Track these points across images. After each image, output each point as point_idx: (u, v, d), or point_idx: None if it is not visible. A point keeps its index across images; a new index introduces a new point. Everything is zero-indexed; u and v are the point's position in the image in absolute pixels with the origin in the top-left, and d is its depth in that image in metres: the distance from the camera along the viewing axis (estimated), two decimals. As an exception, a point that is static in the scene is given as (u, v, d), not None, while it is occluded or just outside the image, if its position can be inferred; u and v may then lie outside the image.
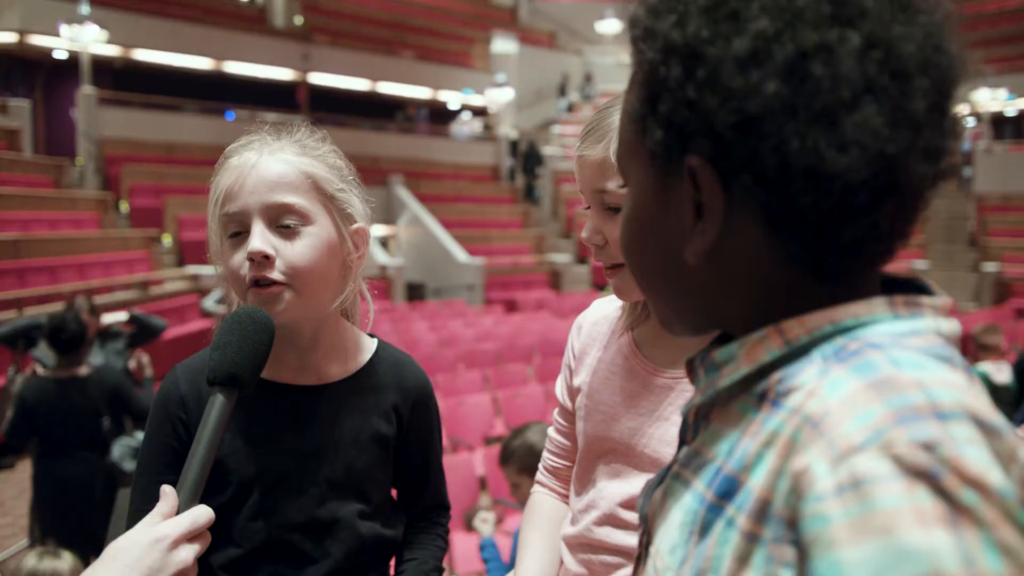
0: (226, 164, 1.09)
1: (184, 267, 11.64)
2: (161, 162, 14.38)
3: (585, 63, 23.56)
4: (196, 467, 0.86)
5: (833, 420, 0.45)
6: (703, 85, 0.50)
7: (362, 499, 1.14)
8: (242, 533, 1.09)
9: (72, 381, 3.45)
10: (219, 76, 16.99)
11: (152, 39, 15.35)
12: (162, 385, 1.14)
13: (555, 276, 15.58)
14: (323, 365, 1.15)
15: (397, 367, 1.22)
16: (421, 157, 18.29)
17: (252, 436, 1.10)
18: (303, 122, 1.17)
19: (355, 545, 1.12)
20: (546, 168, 19.24)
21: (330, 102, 17.87)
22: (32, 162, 12.30)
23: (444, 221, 15.50)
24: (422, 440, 1.25)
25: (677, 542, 0.55)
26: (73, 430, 3.41)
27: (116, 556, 0.78)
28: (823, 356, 0.50)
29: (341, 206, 1.11)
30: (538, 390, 6.12)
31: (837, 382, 0.47)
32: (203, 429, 0.88)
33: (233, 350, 0.94)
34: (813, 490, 0.43)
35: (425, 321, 9.87)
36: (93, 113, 13.92)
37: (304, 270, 1.05)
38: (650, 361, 1.09)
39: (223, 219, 1.07)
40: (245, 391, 0.94)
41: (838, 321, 0.51)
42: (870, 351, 0.48)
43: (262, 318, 0.98)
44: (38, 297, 7.66)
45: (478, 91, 20.69)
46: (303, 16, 18.96)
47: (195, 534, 0.83)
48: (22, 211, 10.10)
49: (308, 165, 1.09)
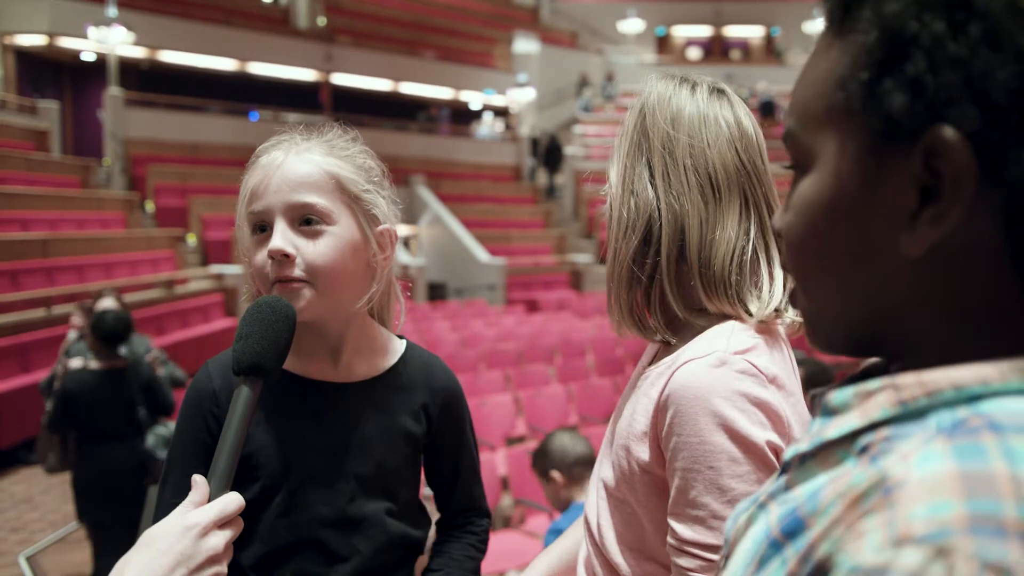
0: (256, 163, 1.11)
1: (208, 266, 11.75)
2: (186, 162, 14.53)
3: (607, 63, 23.50)
4: (225, 456, 0.88)
5: (906, 495, 0.39)
6: (979, 42, 0.42)
7: (390, 497, 1.15)
8: (270, 530, 1.10)
9: (111, 373, 3.64)
10: (243, 77, 17.15)
11: (177, 41, 15.53)
12: (194, 380, 1.16)
13: (576, 276, 15.54)
14: (352, 363, 1.16)
15: (426, 368, 1.22)
16: (442, 157, 18.33)
17: (282, 431, 1.11)
18: (335, 122, 1.17)
19: (383, 543, 1.13)
20: (567, 167, 19.21)
21: (352, 102, 17.96)
22: (60, 162, 12.47)
23: (465, 221, 15.52)
24: (452, 442, 1.25)
25: (738, 569, 0.53)
26: (112, 419, 3.62)
27: (150, 543, 0.80)
28: (939, 427, 0.42)
29: (366, 207, 1.12)
30: (559, 390, 6.10)
31: (931, 456, 0.40)
32: (230, 419, 0.90)
33: (255, 340, 0.95)
34: (854, 558, 0.39)
35: (447, 321, 9.89)
36: (120, 114, 14.10)
37: (323, 269, 1.06)
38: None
39: (249, 217, 1.08)
40: (269, 380, 0.95)
41: (962, 387, 0.43)
42: (986, 433, 0.40)
43: (282, 307, 0.99)
44: (65, 296, 7.77)
45: (499, 91, 20.71)
46: (326, 17, 19.07)
47: (226, 521, 0.85)
48: (50, 211, 10.25)
49: (333, 166, 1.09)
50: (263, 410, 1.11)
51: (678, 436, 0.90)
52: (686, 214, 0.98)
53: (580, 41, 24.34)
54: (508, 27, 22.23)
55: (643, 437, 0.96)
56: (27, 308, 7.39)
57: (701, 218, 0.98)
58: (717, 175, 0.99)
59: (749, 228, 0.99)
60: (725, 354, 0.91)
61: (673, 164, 0.99)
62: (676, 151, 0.99)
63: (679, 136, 0.99)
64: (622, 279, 1.00)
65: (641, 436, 0.97)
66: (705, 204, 0.98)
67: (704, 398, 0.89)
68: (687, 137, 0.99)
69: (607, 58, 23.78)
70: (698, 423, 0.89)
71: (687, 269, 0.98)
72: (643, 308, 1.01)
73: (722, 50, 26.85)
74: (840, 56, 0.49)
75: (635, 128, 1.03)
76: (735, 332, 0.95)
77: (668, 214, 0.98)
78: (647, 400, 0.97)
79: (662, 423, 0.93)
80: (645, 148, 1.01)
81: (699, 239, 0.97)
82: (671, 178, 0.99)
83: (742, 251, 0.98)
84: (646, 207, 0.99)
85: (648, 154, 1.01)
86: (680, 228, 0.98)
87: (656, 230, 0.98)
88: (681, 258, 0.98)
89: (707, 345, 0.93)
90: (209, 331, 9.64)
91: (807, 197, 0.52)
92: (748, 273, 0.98)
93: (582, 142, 20.46)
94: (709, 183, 0.99)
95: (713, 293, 0.97)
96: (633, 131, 1.03)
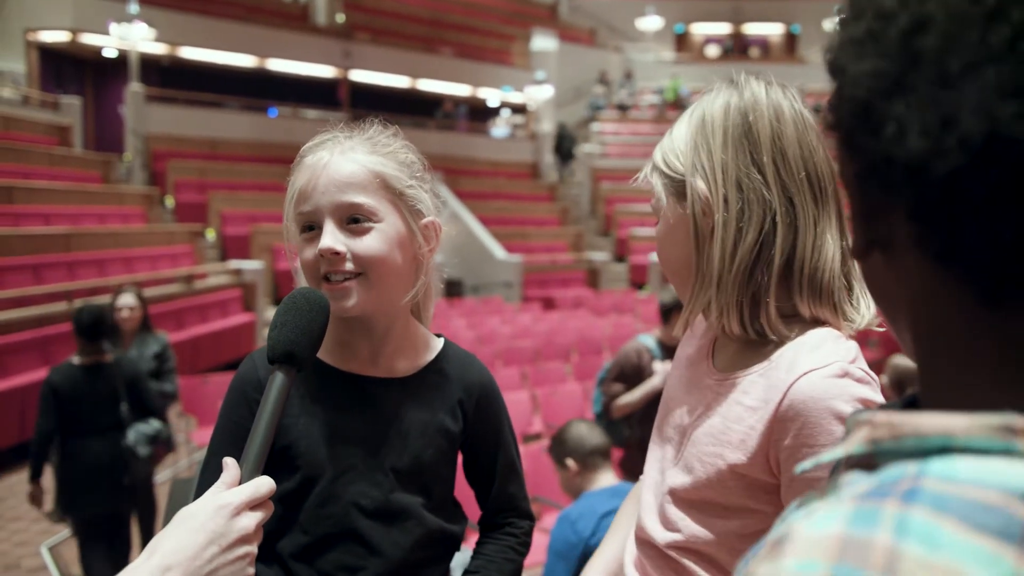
0: (301, 163, 1.14)
1: (227, 262, 11.82)
2: (205, 158, 14.64)
3: (625, 60, 23.43)
4: (258, 440, 0.91)
5: (787, 549, 0.38)
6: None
7: (425, 492, 1.17)
8: (310, 520, 1.12)
9: (94, 367, 3.65)
10: (262, 73, 17.24)
11: (198, 37, 15.65)
12: (240, 370, 1.19)
13: (593, 274, 15.52)
14: (393, 359, 1.19)
15: (463, 365, 1.25)
16: (460, 154, 18.35)
17: (323, 423, 1.13)
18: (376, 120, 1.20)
19: (422, 536, 1.15)
20: (583, 165, 19.17)
21: (371, 99, 18.01)
22: (82, 158, 12.61)
23: (482, 218, 15.53)
24: (488, 438, 1.26)
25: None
26: (93, 414, 3.62)
27: (184, 521, 0.83)
28: (881, 481, 0.40)
29: (410, 202, 1.15)
30: (576, 388, 6.10)
31: (831, 515, 0.39)
32: (264, 405, 0.93)
33: (289, 329, 0.98)
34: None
35: (463, 318, 9.90)
36: (140, 110, 14.23)
37: (374, 262, 1.09)
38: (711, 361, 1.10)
39: (298, 218, 1.12)
40: (303, 368, 0.98)
41: (923, 435, 0.40)
42: (893, 501, 0.37)
43: (317, 298, 1.02)
44: (87, 290, 7.84)
45: (517, 88, 20.70)
46: (344, 14, 19.14)
47: (257, 503, 0.87)
48: (72, 206, 10.36)
49: (377, 164, 1.12)
50: (306, 402, 1.14)
51: (809, 447, 0.90)
52: (799, 216, 0.97)
53: (598, 38, 24.28)
54: (526, 24, 22.21)
55: (740, 444, 0.96)
56: (49, 302, 7.47)
57: (814, 220, 0.97)
58: (824, 178, 0.98)
59: (843, 234, 0.99)
60: (844, 364, 0.91)
61: (784, 164, 0.97)
62: (788, 151, 0.98)
63: (787, 134, 0.98)
64: (735, 278, 0.97)
65: (738, 443, 0.96)
66: (816, 206, 0.97)
67: (832, 408, 0.89)
68: (795, 137, 0.98)
69: (625, 55, 23.71)
70: (832, 432, 0.89)
71: (792, 273, 0.97)
72: (750, 309, 0.99)
73: (741, 47, 26.70)
74: None
75: (733, 125, 0.99)
76: (839, 340, 0.95)
77: (784, 215, 0.96)
78: (740, 408, 0.97)
79: (781, 433, 0.92)
80: (747, 146, 0.98)
81: (812, 243, 0.96)
82: (783, 178, 0.97)
83: (841, 258, 0.97)
84: (760, 206, 0.96)
85: (754, 152, 0.98)
86: (794, 230, 0.97)
87: (769, 231, 0.96)
88: (788, 261, 0.97)
89: (823, 355, 0.93)
90: (227, 326, 9.70)
91: None
92: (844, 281, 0.98)
93: (599, 140, 20.42)
94: (818, 185, 0.98)
95: (817, 300, 0.96)
96: (731, 128, 0.99)
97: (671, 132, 1.08)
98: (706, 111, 1.02)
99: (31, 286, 7.66)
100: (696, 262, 1.01)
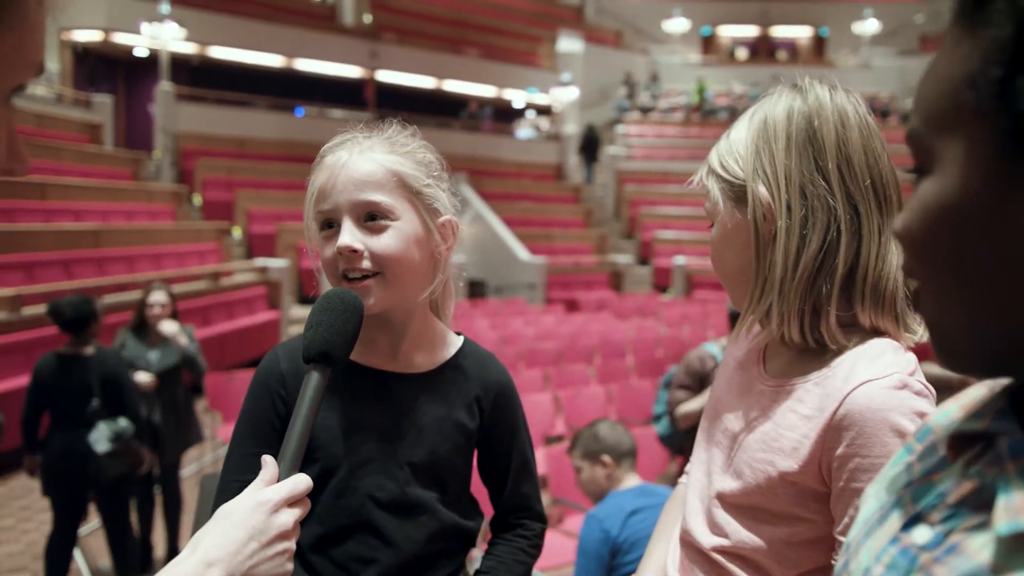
0: (321, 163, 1.16)
1: (253, 259, 11.93)
2: (233, 157, 14.79)
3: (651, 62, 23.35)
4: (295, 439, 0.92)
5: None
6: None
7: (440, 487, 1.18)
8: (326, 511, 1.13)
9: (72, 359, 3.68)
10: (290, 73, 17.38)
11: (227, 37, 15.82)
12: (263, 363, 1.20)
13: (616, 276, 15.47)
14: (412, 354, 1.20)
15: (481, 363, 1.26)
16: (485, 155, 18.38)
17: (342, 416, 1.15)
18: (395, 120, 1.21)
19: (437, 530, 1.16)
20: (609, 167, 19.13)
21: (397, 99, 18.10)
22: (112, 155, 12.78)
23: (506, 219, 15.54)
24: (503, 437, 1.27)
25: None
26: (65, 405, 3.66)
27: (225, 517, 0.85)
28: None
29: (427, 201, 1.16)
30: (599, 391, 6.08)
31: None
32: (300, 404, 0.94)
33: (324, 328, 0.99)
34: None
35: (486, 319, 9.91)
36: (170, 108, 14.41)
37: (390, 259, 1.11)
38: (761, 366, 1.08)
39: (317, 216, 1.14)
40: (338, 367, 0.99)
41: None
42: None
43: (351, 298, 1.04)
44: (115, 285, 7.95)
45: (543, 90, 20.70)
46: (371, 14, 19.25)
47: (295, 500, 0.89)
48: (102, 202, 10.51)
49: (395, 163, 1.14)
50: (325, 394, 1.15)
51: (862, 457, 0.89)
52: (863, 224, 0.95)
53: (624, 40, 24.21)
54: (552, 26, 22.21)
55: (793, 452, 0.95)
56: (79, 297, 7.58)
57: (879, 229, 0.96)
58: (888, 185, 0.97)
59: None
60: (904, 375, 0.90)
61: (850, 171, 0.96)
62: (853, 157, 0.96)
63: (852, 140, 0.97)
64: (797, 286, 0.96)
65: (791, 451, 0.95)
66: (881, 214, 0.96)
67: (889, 420, 0.88)
68: (860, 143, 0.97)
69: (652, 58, 23.63)
70: (887, 445, 0.88)
71: (855, 282, 0.96)
72: (810, 317, 0.97)
73: (768, 50, 26.50)
74: (971, 52, 0.45)
75: (797, 129, 0.98)
76: (899, 351, 0.94)
77: (848, 223, 0.95)
78: (794, 416, 0.96)
79: (834, 441, 0.92)
80: (812, 152, 0.97)
81: (876, 252, 0.95)
82: (848, 185, 0.96)
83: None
84: (825, 214, 0.95)
85: (819, 158, 0.96)
86: (858, 239, 0.95)
87: (833, 239, 0.95)
88: (851, 270, 0.95)
89: (883, 366, 0.92)
90: (253, 323, 9.79)
91: (928, 201, 0.49)
92: (907, 291, 0.97)
93: (624, 142, 20.36)
94: (883, 192, 0.97)
95: (880, 309, 0.95)
96: (795, 133, 0.98)
97: (728, 135, 1.05)
98: (768, 114, 1.00)
99: (61, 281, 7.77)
100: (755, 268, 0.99)
